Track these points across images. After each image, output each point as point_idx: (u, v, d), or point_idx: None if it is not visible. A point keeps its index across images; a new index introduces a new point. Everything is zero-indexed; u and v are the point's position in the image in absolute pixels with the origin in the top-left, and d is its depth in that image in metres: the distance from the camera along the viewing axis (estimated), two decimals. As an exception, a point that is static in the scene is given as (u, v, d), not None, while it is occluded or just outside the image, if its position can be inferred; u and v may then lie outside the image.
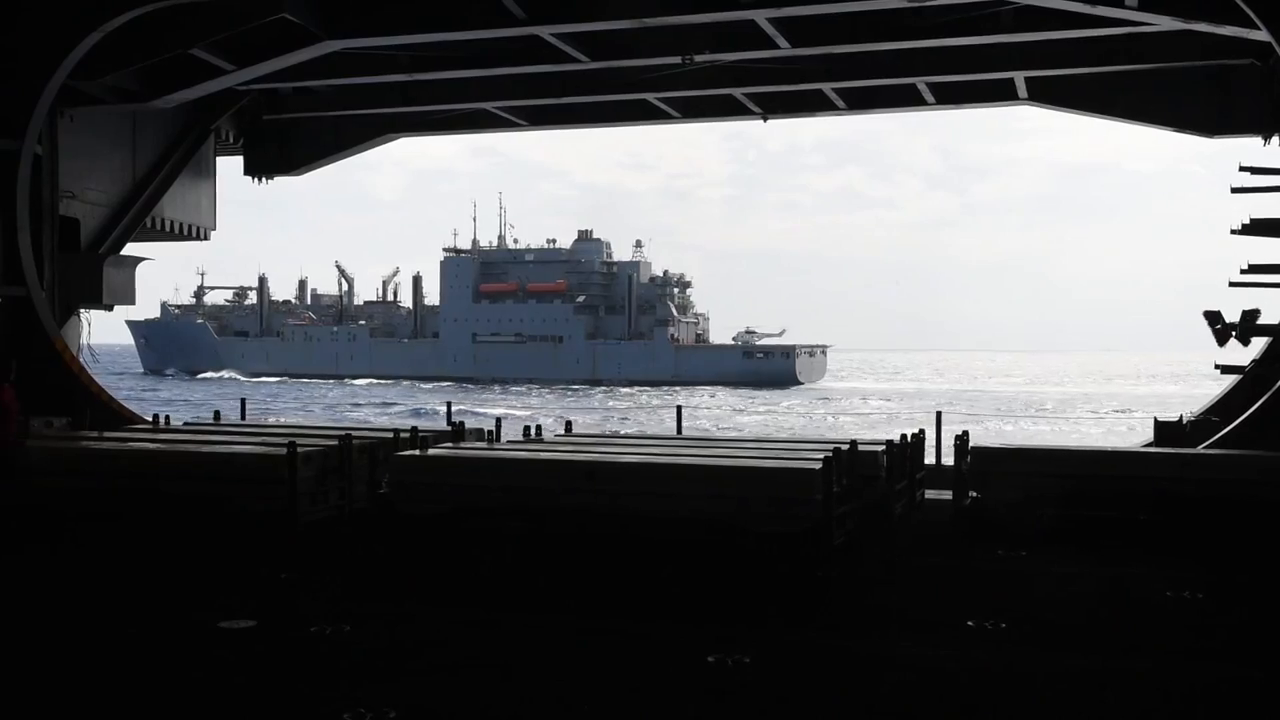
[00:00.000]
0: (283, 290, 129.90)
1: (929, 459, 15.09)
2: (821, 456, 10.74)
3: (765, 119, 22.59)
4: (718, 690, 7.30)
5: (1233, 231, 16.51)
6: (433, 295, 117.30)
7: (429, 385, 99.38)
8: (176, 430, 15.93)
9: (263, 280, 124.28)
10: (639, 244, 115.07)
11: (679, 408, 20.49)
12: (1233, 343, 16.18)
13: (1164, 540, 11.91)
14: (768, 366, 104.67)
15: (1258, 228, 16.48)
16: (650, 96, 21.66)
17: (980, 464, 13.10)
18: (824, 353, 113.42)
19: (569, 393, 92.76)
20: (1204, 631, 8.95)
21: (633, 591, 10.06)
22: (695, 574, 10.46)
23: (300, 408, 75.13)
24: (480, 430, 14.71)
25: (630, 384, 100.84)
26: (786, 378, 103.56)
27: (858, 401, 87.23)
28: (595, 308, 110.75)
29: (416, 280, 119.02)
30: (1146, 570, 10.86)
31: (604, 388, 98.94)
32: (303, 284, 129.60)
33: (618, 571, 10.65)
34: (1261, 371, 16.55)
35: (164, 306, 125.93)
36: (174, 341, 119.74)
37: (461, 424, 15.03)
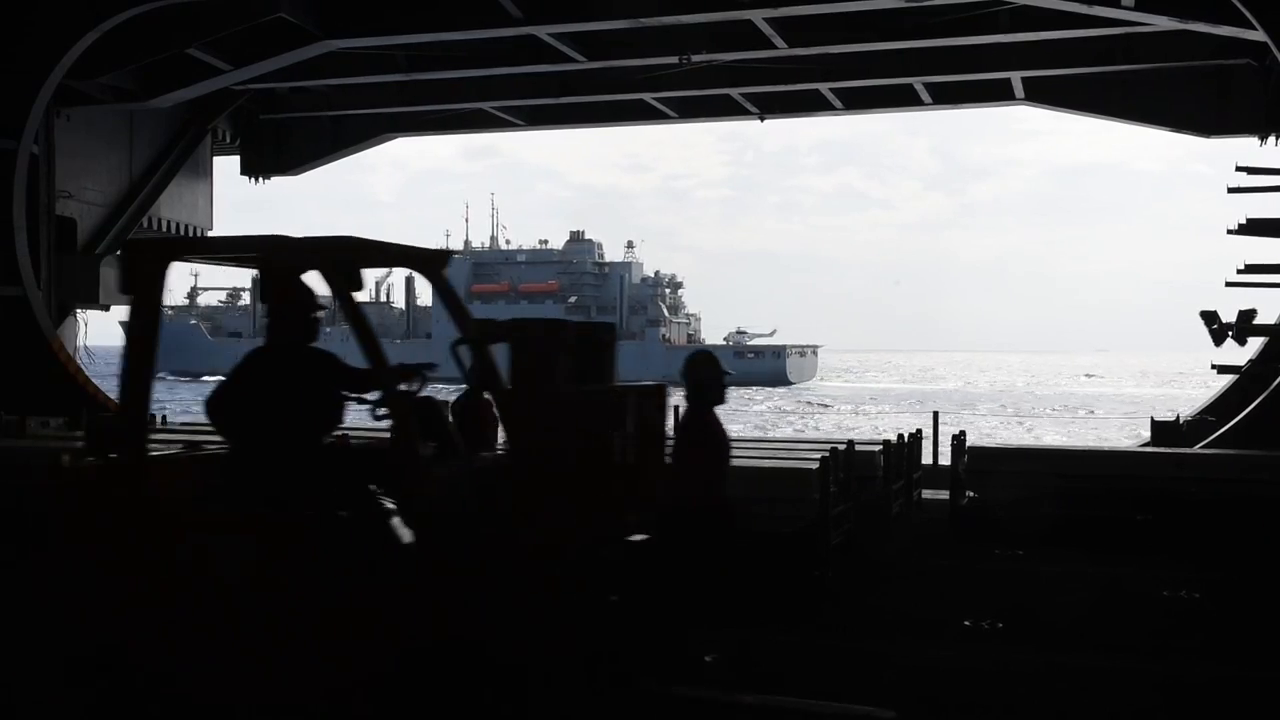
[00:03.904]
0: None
1: (926, 459, 15.12)
2: (818, 456, 10.75)
3: (762, 119, 22.59)
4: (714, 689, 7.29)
5: (1229, 231, 16.57)
6: (426, 296, 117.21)
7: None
8: (174, 430, 15.86)
9: (256, 281, 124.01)
10: (630, 245, 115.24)
11: (675, 407, 20.43)
12: (1229, 342, 16.23)
13: (1161, 540, 11.91)
14: (758, 366, 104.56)
15: (1254, 228, 16.55)
16: (647, 96, 21.67)
17: (977, 463, 13.10)
18: (815, 353, 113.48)
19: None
20: (1201, 631, 8.98)
21: (631, 591, 10.04)
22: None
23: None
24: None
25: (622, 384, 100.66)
26: (777, 377, 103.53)
27: (852, 401, 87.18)
28: (587, 308, 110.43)
29: (409, 281, 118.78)
30: (1143, 570, 10.88)
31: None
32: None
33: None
34: (1258, 371, 16.62)
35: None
36: (167, 343, 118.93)
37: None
